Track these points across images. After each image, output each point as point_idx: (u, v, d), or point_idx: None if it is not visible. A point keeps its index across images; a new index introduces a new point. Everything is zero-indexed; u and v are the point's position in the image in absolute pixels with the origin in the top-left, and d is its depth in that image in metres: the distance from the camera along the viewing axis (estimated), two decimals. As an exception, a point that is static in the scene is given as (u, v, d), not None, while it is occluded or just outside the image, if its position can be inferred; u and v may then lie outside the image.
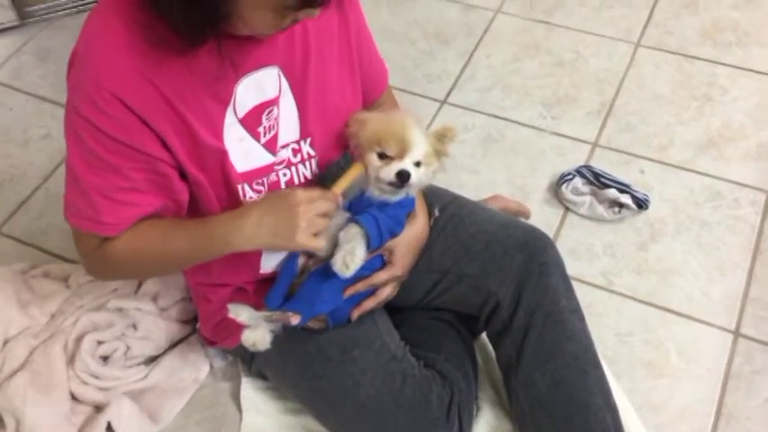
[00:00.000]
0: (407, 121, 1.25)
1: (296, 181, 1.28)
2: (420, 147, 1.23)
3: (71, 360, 1.51)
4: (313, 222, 1.13)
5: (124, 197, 1.13)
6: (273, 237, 1.14)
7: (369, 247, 1.22)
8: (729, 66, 2.19)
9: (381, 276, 1.31)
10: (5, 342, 1.55)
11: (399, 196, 1.28)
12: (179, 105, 1.08)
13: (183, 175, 1.17)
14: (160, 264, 1.24)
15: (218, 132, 1.14)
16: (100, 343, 1.54)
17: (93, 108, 1.04)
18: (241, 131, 1.17)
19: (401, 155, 1.22)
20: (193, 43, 1.02)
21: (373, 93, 1.39)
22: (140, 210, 1.15)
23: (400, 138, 1.22)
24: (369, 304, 1.33)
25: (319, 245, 1.16)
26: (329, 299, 1.28)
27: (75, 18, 2.44)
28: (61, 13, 2.46)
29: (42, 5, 2.44)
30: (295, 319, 1.25)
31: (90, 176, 1.10)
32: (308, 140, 1.25)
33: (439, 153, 1.29)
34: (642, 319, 1.66)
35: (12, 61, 2.33)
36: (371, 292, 1.33)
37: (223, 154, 1.15)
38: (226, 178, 1.18)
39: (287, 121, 1.22)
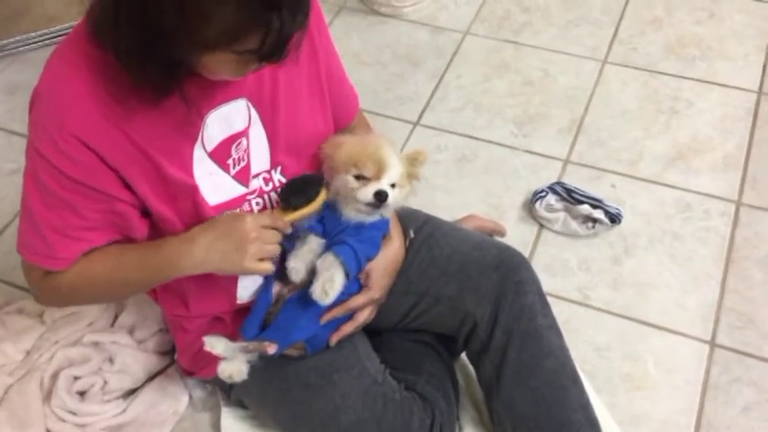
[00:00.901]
0: (383, 143, 1.27)
1: (268, 207, 1.27)
2: (395, 168, 1.24)
3: (47, 397, 1.49)
4: (261, 249, 1.15)
5: (78, 234, 1.12)
6: (222, 262, 1.15)
7: (348, 278, 1.22)
8: (694, 80, 2.24)
9: (358, 300, 1.31)
10: (-21, 381, 1.53)
11: (374, 218, 1.28)
12: (145, 145, 1.08)
13: (145, 213, 1.17)
14: (112, 290, 1.23)
15: (187, 168, 1.14)
16: (76, 378, 1.52)
17: (54, 149, 1.04)
18: (211, 165, 1.17)
19: (378, 176, 1.23)
20: (159, 96, 1.02)
21: (345, 118, 1.40)
22: (92, 244, 1.15)
23: (377, 159, 1.23)
24: (347, 329, 1.33)
25: (267, 269, 1.17)
26: (306, 326, 1.28)
27: (43, 52, 2.42)
28: (29, 47, 2.44)
29: (10, 40, 2.43)
30: (272, 349, 1.25)
31: (45, 213, 1.10)
32: (279, 169, 1.25)
33: (411, 176, 1.30)
34: (619, 332, 1.67)
35: (-20, 96, 2.31)
36: (349, 316, 1.33)
37: (194, 189, 1.15)
38: (197, 212, 1.18)
39: (257, 151, 1.22)
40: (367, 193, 1.22)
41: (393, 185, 1.25)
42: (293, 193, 1.23)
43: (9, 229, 1.94)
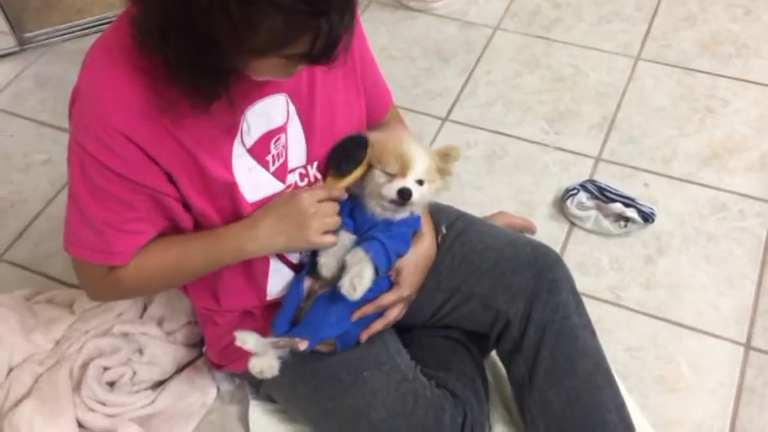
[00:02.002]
0: (407, 139, 1.25)
1: (320, 182, 1.27)
2: (421, 164, 1.23)
3: (77, 387, 1.50)
4: (323, 223, 1.18)
5: (134, 227, 1.13)
6: (288, 240, 1.18)
7: (377, 273, 1.21)
8: (730, 78, 2.20)
9: (389, 297, 1.30)
10: (10, 370, 1.53)
11: (402, 214, 1.27)
12: (186, 142, 1.08)
13: (187, 207, 1.16)
14: (173, 280, 1.25)
15: (226, 164, 1.13)
16: (106, 369, 1.52)
17: (100, 145, 1.04)
18: (250, 161, 1.16)
19: (403, 172, 1.22)
20: (207, 101, 1.01)
21: (377, 113, 1.39)
22: (148, 236, 1.16)
23: (399, 155, 1.22)
24: (377, 326, 1.32)
25: (331, 241, 1.20)
26: (336, 322, 1.27)
27: (74, 43, 2.44)
28: (60, 38, 2.46)
29: (41, 31, 2.45)
30: (302, 345, 1.24)
31: (99, 210, 1.10)
32: (315, 164, 1.25)
33: (442, 172, 1.28)
34: (652, 333, 1.65)
35: (11, 87, 2.33)
36: (380, 313, 1.32)
37: (233, 186, 1.15)
38: (236, 209, 1.17)
39: (295, 146, 1.21)
40: (391, 189, 1.21)
41: (421, 182, 1.23)
42: (341, 159, 1.24)
43: (40, 218, 1.95)
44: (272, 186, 1.20)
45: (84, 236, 1.13)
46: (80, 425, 1.47)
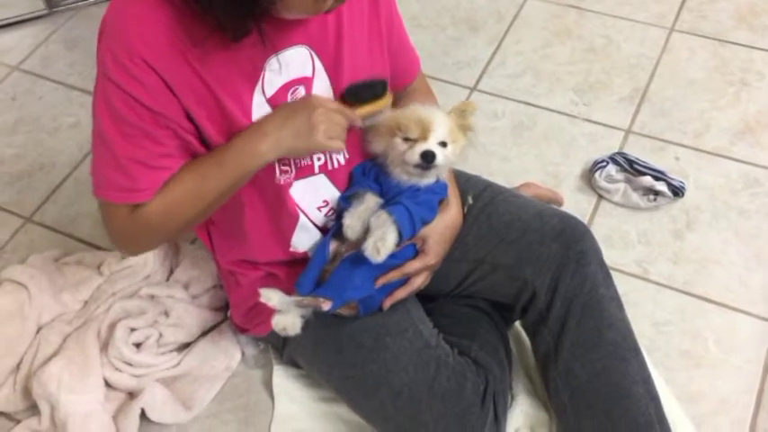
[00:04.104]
0: (424, 105, 1.26)
1: (329, 166, 1.27)
2: (442, 126, 1.23)
3: (104, 347, 1.52)
4: (330, 126, 1.16)
5: (160, 162, 1.13)
6: (295, 138, 1.15)
7: (401, 237, 1.21)
8: (766, 51, 2.14)
9: (414, 265, 1.30)
10: (39, 329, 1.56)
11: (429, 179, 1.27)
12: (210, 80, 1.08)
13: (205, 145, 1.17)
14: (198, 206, 1.18)
15: (246, 112, 1.14)
16: (132, 330, 1.54)
17: (126, 75, 1.04)
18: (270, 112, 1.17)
19: (425, 136, 1.22)
20: (236, 36, 1.02)
21: (404, 78, 1.39)
22: (170, 171, 1.15)
23: (418, 119, 1.22)
24: (401, 293, 1.32)
25: (338, 146, 1.18)
26: (361, 285, 1.27)
27: (103, 7, 2.40)
28: (89, 1, 2.46)
29: (70, -6, 2.45)
30: (326, 305, 1.24)
31: (125, 146, 1.10)
32: None
33: (464, 128, 1.28)
34: (679, 308, 1.63)
35: (40, 50, 2.33)
36: (404, 281, 1.31)
37: None
38: None
39: None
40: (414, 154, 1.21)
41: (444, 144, 1.23)
42: (359, 89, 1.23)
43: (68, 180, 1.97)
44: None
45: (109, 176, 1.13)
46: (107, 384, 1.49)
